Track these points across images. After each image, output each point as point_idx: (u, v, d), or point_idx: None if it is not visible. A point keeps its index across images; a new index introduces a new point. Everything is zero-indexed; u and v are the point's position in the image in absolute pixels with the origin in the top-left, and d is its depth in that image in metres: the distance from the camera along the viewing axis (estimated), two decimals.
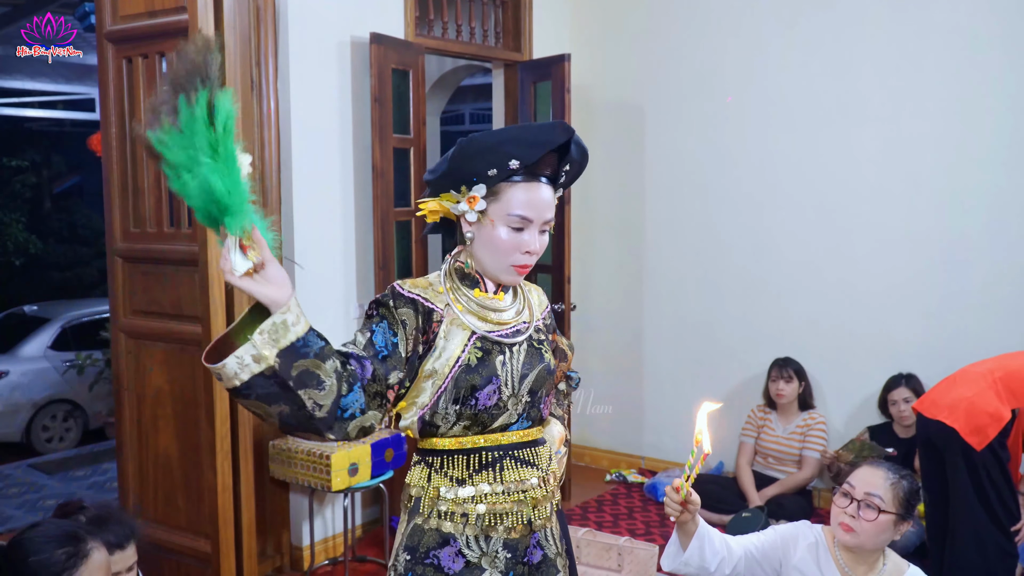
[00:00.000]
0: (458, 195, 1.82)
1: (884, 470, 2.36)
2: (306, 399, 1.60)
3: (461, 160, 1.78)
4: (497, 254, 1.83)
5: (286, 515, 4.36)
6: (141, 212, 3.70)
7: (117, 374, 3.83)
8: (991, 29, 4.43)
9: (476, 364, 1.81)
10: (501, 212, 1.80)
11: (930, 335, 4.67)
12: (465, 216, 1.83)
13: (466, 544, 1.81)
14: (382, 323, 1.78)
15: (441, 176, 1.82)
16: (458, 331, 1.82)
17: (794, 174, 5.05)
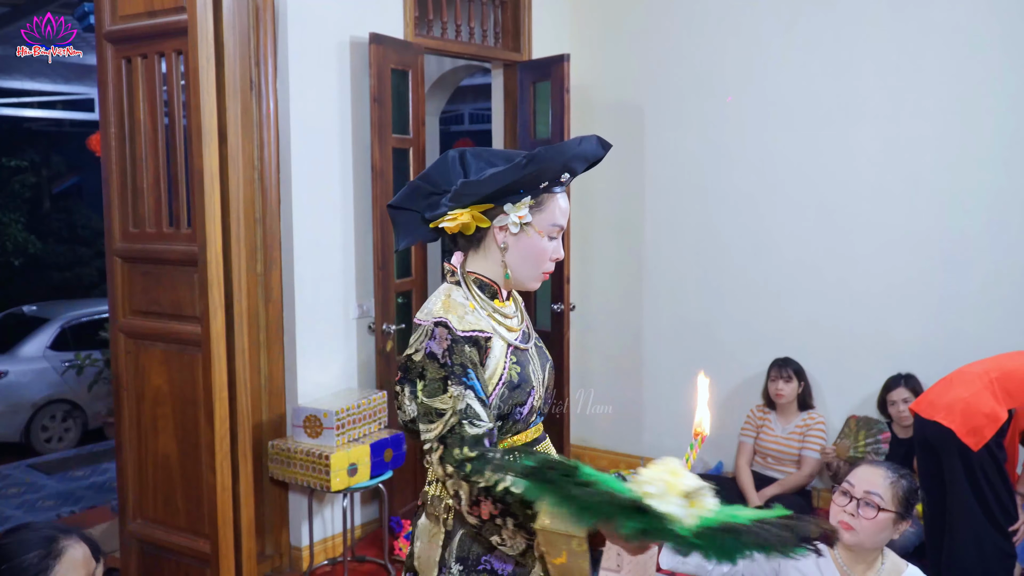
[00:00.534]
0: (511, 207, 1.83)
1: (883, 469, 2.36)
2: None
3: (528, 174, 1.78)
4: (533, 263, 1.88)
5: (285, 515, 4.36)
6: (140, 212, 3.70)
7: (116, 374, 3.83)
8: (991, 28, 4.43)
9: (517, 380, 1.85)
10: (545, 222, 1.86)
11: (929, 335, 4.67)
12: (507, 227, 1.85)
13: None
14: (467, 372, 1.76)
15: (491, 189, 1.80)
16: (497, 344, 1.85)
17: (794, 174, 5.05)
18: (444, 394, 1.74)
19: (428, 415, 1.75)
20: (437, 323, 1.78)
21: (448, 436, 1.72)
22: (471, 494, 1.70)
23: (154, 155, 3.62)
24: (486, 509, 1.70)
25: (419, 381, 1.77)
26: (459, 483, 1.71)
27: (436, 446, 1.73)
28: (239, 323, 3.56)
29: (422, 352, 1.78)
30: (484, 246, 1.90)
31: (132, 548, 3.87)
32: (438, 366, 1.75)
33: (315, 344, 4.32)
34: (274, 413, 4.24)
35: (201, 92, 3.33)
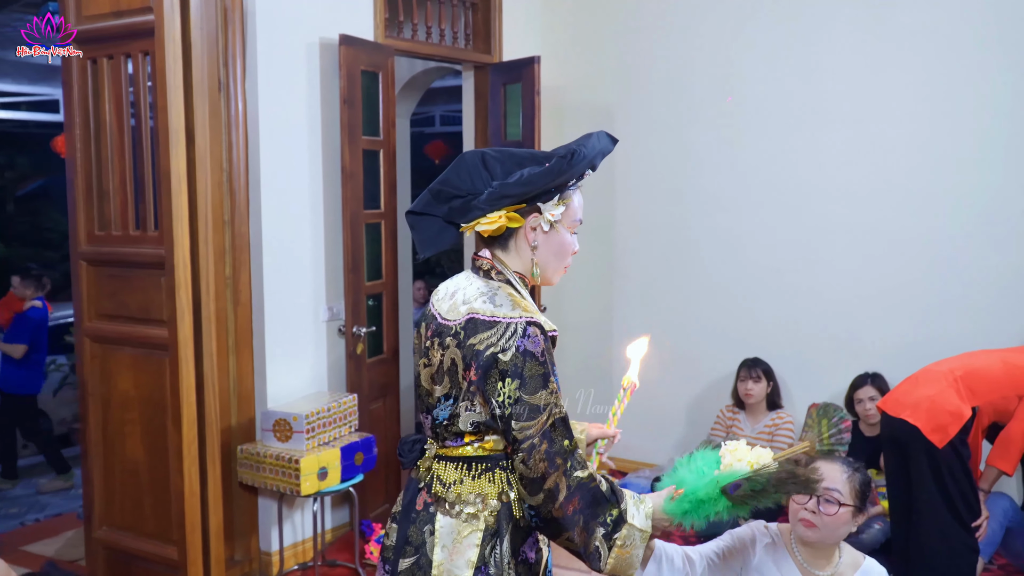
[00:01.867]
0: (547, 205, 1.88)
1: (840, 464, 2.40)
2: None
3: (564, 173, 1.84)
4: (560, 258, 1.94)
5: (255, 520, 4.32)
6: (107, 215, 3.66)
7: (82, 379, 3.78)
8: (959, 32, 4.49)
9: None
10: (569, 218, 1.93)
11: (896, 335, 4.73)
12: (539, 226, 1.89)
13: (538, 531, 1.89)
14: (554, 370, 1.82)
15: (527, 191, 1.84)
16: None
17: (762, 176, 5.08)
18: (545, 390, 1.76)
19: (526, 412, 1.75)
20: (530, 323, 1.78)
21: (553, 430, 1.75)
22: (570, 487, 1.74)
23: (120, 157, 3.59)
24: (572, 505, 1.75)
25: (511, 380, 1.74)
26: (560, 478, 1.74)
27: (539, 442, 1.74)
28: (207, 326, 3.53)
29: (512, 351, 1.75)
30: (515, 245, 1.91)
31: (99, 555, 3.82)
32: (538, 364, 1.76)
33: (284, 347, 4.29)
34: (243, 417, 4.21)
35: (168, 93, 3.31)
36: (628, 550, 1.77)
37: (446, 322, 1.86)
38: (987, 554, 3.87)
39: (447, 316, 1.87)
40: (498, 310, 1.80)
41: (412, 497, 1.92)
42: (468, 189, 1.87)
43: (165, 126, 3.32)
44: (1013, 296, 4.41)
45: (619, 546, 1.76)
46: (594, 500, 1.76)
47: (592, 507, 1.75)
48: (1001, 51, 4.39)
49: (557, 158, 1.82)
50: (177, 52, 3.32)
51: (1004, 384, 3.61)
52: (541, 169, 1.82)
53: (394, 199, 4.73)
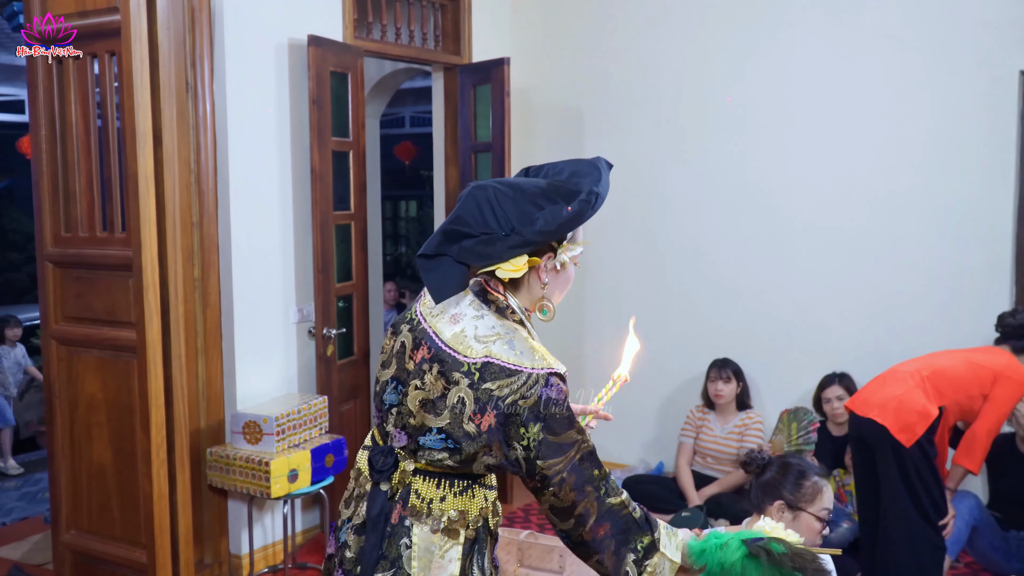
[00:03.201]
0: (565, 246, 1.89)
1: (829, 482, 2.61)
2: None
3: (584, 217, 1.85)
4: (564, 291, 1.96)
5: (224, 523, 4.30)
6: (73, 216, 3.62)
7: (49, 382, 3.75)
8: (922, 34, 4.55)
9: None
10: (575, 252, 1.92)
11: (863, 335, 4.78)
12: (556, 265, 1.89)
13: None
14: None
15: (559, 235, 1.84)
16: None
17: (730, 177, 5.12)
18: (572, 429, 1.79)
19: (550, 450, 1.76)
20: (552, 374, 1.79)
21: (581, 463, 1.78)
22: (600, 511, 1.77)
23: (87, 158, 3.56)
24: (603, 529, 1.77)
25: (532, 424, 1.75)
26: (589, 503, 1.77)
27: (568, 475, 1.76)
28: (175, 328, 3.51)
29: (533, 399, 1.75)
30: (526, 283, 1.90)
31: (66, 560, 3.79)
32: (561, 408, 1.78)
33: (254, 349, 4.27)
34: (212, 419, 4.18)
35: (135, 94, 3.28)
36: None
37: (454, 354, 1.80)
38: (954, 552, 3.93)
39: (453, 346, 1.81)
40: (521, 359, 1.78)
41: (381, 510, 1.87)
42: (481, 229, 1.80)
43: (132, 127, 3.30)
44: (977, 296, 4.48)
45: (649, 572, 1.77)
46: (626, 527, 1.78)
47: (624, 533, 1.77)
48: (965, 53, 4.45)
49: (579, 202, 1.80)
50: (144, 52, 3.30)
51: (969, 384, 3.66)
52: (566, 217, 1.80)
53: (364, 200, 4.73)
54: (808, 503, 2.52)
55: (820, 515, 2.51)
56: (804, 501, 2.52)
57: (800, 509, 2.51)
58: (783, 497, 2.53)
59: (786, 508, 2.52)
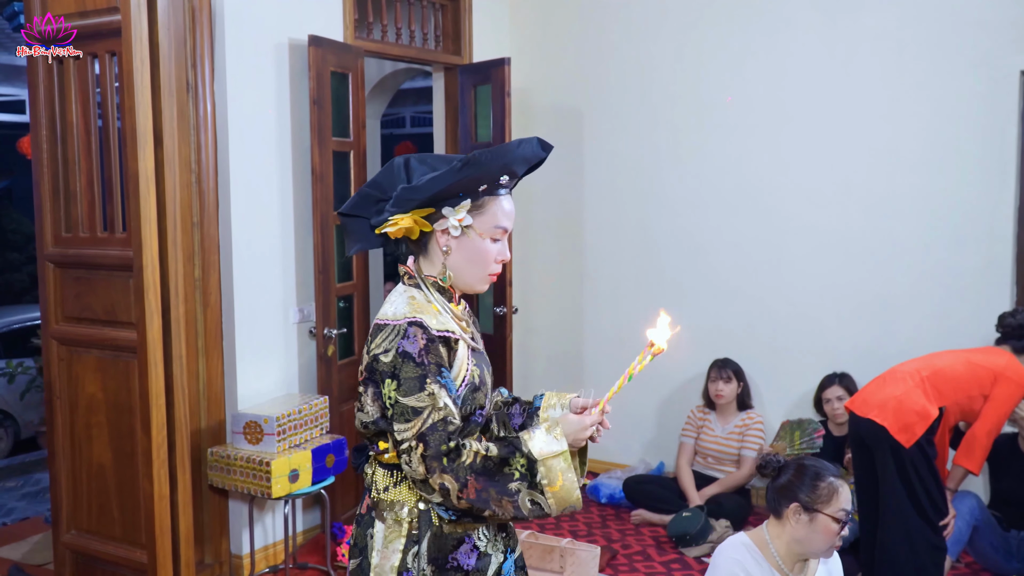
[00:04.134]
0: (450, 210, 1.86)
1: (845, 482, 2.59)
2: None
3: (465, 178, 1.81)
4: (479, 265, 1.91)
5: (225, 523, 4.30)
6: (73, 216, 3.62)
7: (49, 382, 3.75)
8: (919, 35, 4.55)
9: (478, 382, 1.89)
10: (487, 225, 1.88)
11: (863, 335, 4.78)
12: (448, 230, 1.87)
13: (479, 537, 1.90)
14: (441, 371, 1.80)
15: (432, 194, 1.83)
16: (461, 345, 1.88)
17: (729, 177, 5.12)
18: (422, 392, 1.75)
19: (404, 414, 1.75)
20: (411, 323, 1.80)
21: (429, 433, 1.74)
22: (458, 478, 1.73)
23: (87, 158, 3.56)
24: (472, 488, 1.74)
25: (390, 381, 1.77)
26: (443, 476, 1.74)
27: (415, 444, 1.74)
28: (176, 329, 3.50)
29: (393, 351, 1.78)
30: (430, 250, 1.92)
31: (66, 560, 3.79)
32: (414, 365, 1.76)
33: (255, 349, 4.27)
34: (213, 420, 4.18)
35: (136, 94, 3.28)
36: (557, 482, 1.77)
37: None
38: (954, 553, 3.92)
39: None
40: (394, 313, 1.83)
41: (363, 501, 1.97)
42: (389, 192, 1.87)
43: (132, 127, 3.29)
44: (977, 296, 4.47)
45: (548, 485, 1.76)
46: (495, 469, 1.75)
47: (496, 476, 1.75)
48: (961, 55, 4.45)
49: (457, 162, 1.82)
50: (144, 52, 3.29)
51: (969, 384, 3.65)
52: (437, 173, 1.82)
53: None
54: (824, 504, 2.51)
55: (837, 516, 2.50)
56: (820, 502, 2.51)
57: (816, 511, 2.50)
58: (799, 499, 2.53)
59: (802, 510, 2.52)
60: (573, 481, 1.78)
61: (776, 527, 2.60)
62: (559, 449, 1.77)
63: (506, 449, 1.77)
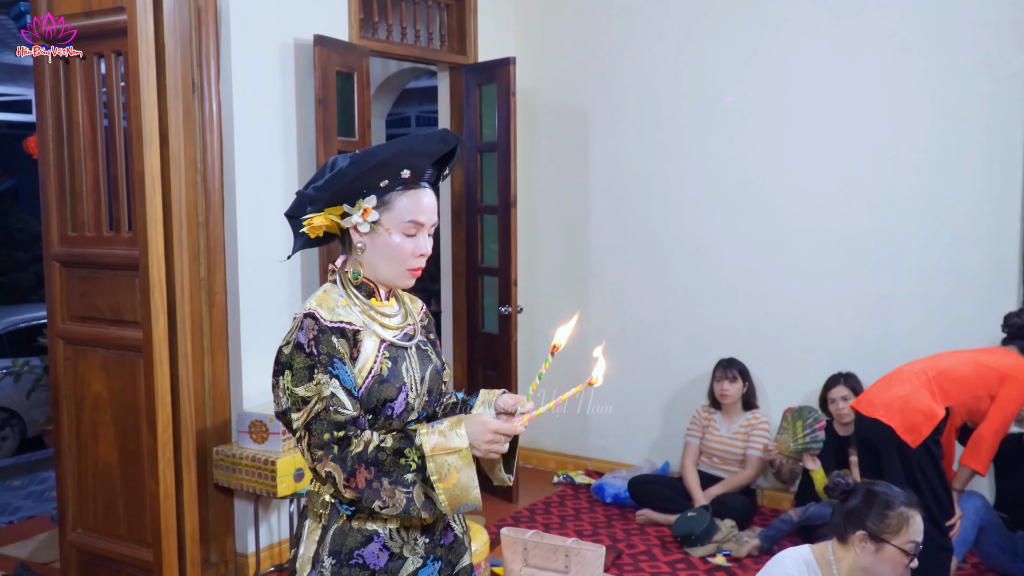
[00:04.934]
0: (351, 208, 1.86)
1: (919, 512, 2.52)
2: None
3: (353, 175, 1.81)
4: (394, 261, 1.89)
5: (231, 522, 4.30)
6: (79, 216, 3.63)
7: (55, 381, 3.76)
8: (921, 35, 4.54)
9: (388, 374, 1.87)
10: (395, 220, 1.87)
11: (868, 335, 4.77)
12: (357, 227, 1.87)
13: (389, 537, 1.86)
14: (333, 361, 1.79)
15: (332, 192, 1.83)
16: (369, 340, 1.88)
17: (734, 178, 5.12)
18: (310, 382, 1.78)
19: (296, 404, 1.79)
20: (306, 315, 1.83)
21: (313, 422, 1.77)
22: (345, 466, 1.75)
23: (93, 157, 3.57)
24: (361, 477, 1.75)
25: (287, 372, 1.80)
26: (328, 463, 1.76)
27: (303, 433, 1.78)
28: (182, 328, 3.51)
29: (291, 344, 1.81)
30: (351, 248, 1.93)
31: (72, 558, 3.80)
32: (304, 356, 1.79)
33: (260, 348, 4.28)
34: (219, 419, 4.19)
35: (141, 93, 3.29)
36: (451, 479, 1.77)
37: None
38: (960, 553, 3.92)
39: None
40: (301, 307, 1.87)
41: None
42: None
43: (138, 127, 3.30)
44: (982, 296, 4.46)
45: (438, 481, 1.76)
46: (388, 461, 1.76)
47: (390, 467, 1.76)
48: (966, 55, 4.44)
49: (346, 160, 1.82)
50: (150, 52, 3.30)
51: (976, 384, 3.65)
52: (335, 171, 1.83)
53: None
54: (893, 535, 2.43)
55: (906, 548, 2.42)
56: (888, 532, 2.43)
57: (884, 541, 2.42)
58: (866, 527, 2.44)
59: (868, 539, 2.44)
60: (471, 478, 1.78)
61: (841, 550, 2.52)
62: (456, 446, 1.77)
63: (402, 441, 1.77)
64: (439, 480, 1.76)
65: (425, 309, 2.13)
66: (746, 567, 4.27)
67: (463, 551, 2.02)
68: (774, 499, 5.10)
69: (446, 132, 1.88)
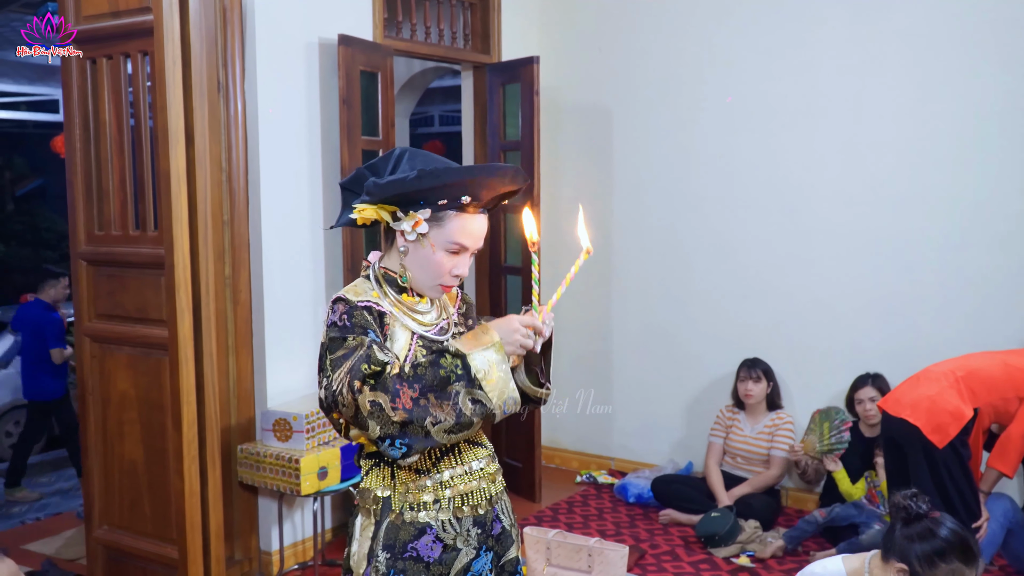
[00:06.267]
0: (403, 214, 1.87)
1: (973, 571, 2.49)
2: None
3: (417, 189, 1.82)
4: (429, 274, 1.91)
5: (255, 520, 4.32)
6: (106, 215, 3.66)
7: (82, 379, 3.79)
8: (948, 33, 4.49)
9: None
10: (442, 238, 1.89)
11: (894, 336, 4.73)
12: (404, 233, 1.89)
13: (442, 529, 1.88)
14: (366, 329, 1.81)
15: (389, 195, 1.84)
16: (400, 332, 1.89)
17: (758, 177, 5.09)
18: (344, 343, 1.79)
19: (335, 364, 1.78)
20: (335, 300, 1.86)
21: (355, 365, 1.76)
22: (387, 390, 1.74)
23: (119, 157, 3.59)
24: (407, 396, 1.74)
25: (327, 352, 1.82)
26: (370, 394, 1.74)
27: (344, 377, 1.76)
28: (207, 326, 3.53)
29: (326, 329, 1.84)
30: (394, 245, 1.95)
31: (98, 555, 3.83)
32: (338, 329, 1.81)
33: (284, 347, 4.29)
34: (243, 417, 4.21)
35: (167, 93, 3.31)
36: (493, 374, 1.79)
37: None
38: (987, 555, 3.88)
39: None
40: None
41: None
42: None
43: (164, 126, 3.32)
44: (1010, 297, 4.41)
45: (484, 378, 1.78)
46: (427, 375, 1.77)
47: (429, 380, 1.76)
48: (993, 53, 4.39)
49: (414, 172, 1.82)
50: (176, 52, 3.32)
51: (1004, 385, 3.61)
52: (400, 176, 1.84)
53: None
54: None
55: None
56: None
57: None
58: (911, 565, 2.43)
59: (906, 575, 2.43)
60: (507, 372, 1.81)
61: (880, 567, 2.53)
62: (490, 340, 1.80)
63: (435, 356, 1.79)
64: (484, 377, 1.78)
65: (461, 295, 2.13)
66: (770, 568, 4.24)
67: (510, 543, 2.02)
68: (799, 499, 5.07)
69: (517, 171, 1.91)
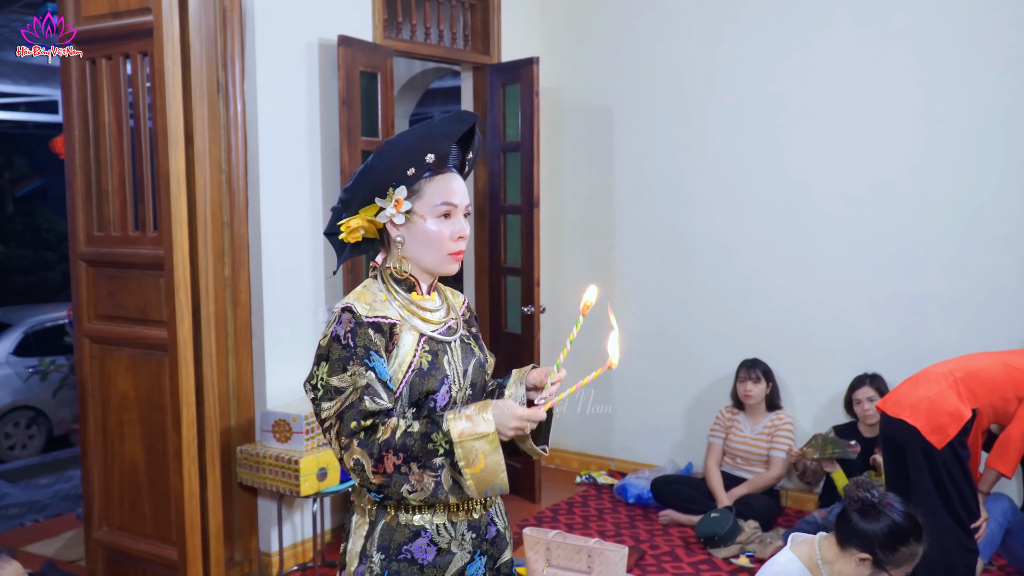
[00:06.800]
0: (383, 201, 1.87)
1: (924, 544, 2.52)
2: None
3: (380, 168, 1.83)
4: (433, 247, 1.90)
5: (254, 521, 4.32)
6: (106, 215, 3.66)
7: (81, 380, 3.79)
8: (952, 34, 4.49)
9: (428, 367, 1.88)
10: (428, 206, 1.88)
11: (894, 336, 4.73)
12: (393, 220, 1.88)
13: (436, 532, 1.88)
14: (369, 354, 1.81)
15: (363, 191, 1.85)
16: (408, 335, 1.88)
17: (760, 177, 5.09)
18: (344, 373, 1.79)
19: (328, 393, 1.79)
20: (344, 309, 1.84)
21: (346, 411, 1.77)
22: (372, 454, 1.75)
23: (119, 157, 3.59)
24: (390, 462, 1.75)
25: (324, 363, 1.82)
26: (357, 451, 1.76)
27: (333, 422, 1.78)
28: (206, 327, 3.53)
29: (328, 336, 1.83)
30: (389, 244, 1.94)
31: (98, 556, 3.83)
32: (341, 347, 1.80)
33: (284, 348, 4.29)
34: (242, 418, 4.21)
35: (167, 94, 3.31)
36: (478, 463, 1.77)
37: None
38: (987, 555, 3.88)
39: None
40: (340, 302, 1.88)
41: None
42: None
43: (164, 127, 3.32)
44: (1013, 298, 4.41)
45: (466, 466, 1.76)
46: (416, 446, 1.76)
47: (418, 452, 1.76)
48: (997, 53, 4.39)
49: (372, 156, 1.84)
50: (176, 53, 3.32)
51: (1004, 386, 3.60)
52: (359, 169, 1.85)
53: None
54: (895, 567, 2.42)
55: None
56: (892, 565, 2.42)
57: (885, 571, 2.41)
58: (874, 554, 2.43)
59: (871, 565, 2.42)
60: (498, 463, 1.78)
61: (832, 551, 2.53)
62: (483, 431, 1.77)
63: (429, 427, 1.78)
64: (467, 465, 1.76)
65: (467, 303, 2.13)
66: None
67: (504, 546, 2.02)
68: (798, 500, 5.07)
69: (462, 112, 1.89)
